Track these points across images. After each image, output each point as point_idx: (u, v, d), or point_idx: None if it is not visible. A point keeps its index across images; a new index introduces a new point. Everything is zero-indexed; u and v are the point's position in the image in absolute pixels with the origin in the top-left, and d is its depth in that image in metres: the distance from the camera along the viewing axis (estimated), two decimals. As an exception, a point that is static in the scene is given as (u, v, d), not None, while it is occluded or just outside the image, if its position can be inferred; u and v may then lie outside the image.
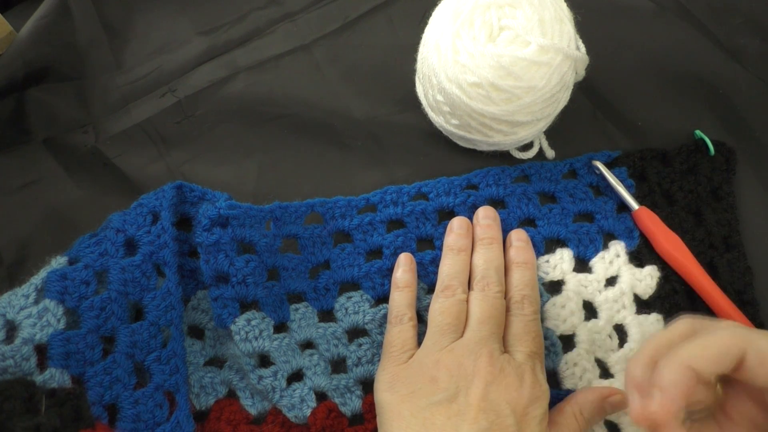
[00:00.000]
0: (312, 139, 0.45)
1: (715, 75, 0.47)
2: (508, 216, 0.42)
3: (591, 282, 0.41)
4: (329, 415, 0.37)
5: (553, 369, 0.39)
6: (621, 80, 0.47)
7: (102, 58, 0.48)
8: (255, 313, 0.38)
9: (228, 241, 0.37)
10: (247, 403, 0.38)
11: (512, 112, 0.38)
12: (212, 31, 0.49)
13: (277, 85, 0.47)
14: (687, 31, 0.48)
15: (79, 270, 0.36)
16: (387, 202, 0.42)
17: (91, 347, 0.35)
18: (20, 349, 0.33)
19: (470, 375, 0.34)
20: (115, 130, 0.46)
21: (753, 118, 0.46)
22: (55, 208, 0.43)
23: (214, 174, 0.44)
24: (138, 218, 0.38)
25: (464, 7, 0.38)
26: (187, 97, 0.46)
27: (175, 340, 0.37)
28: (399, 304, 0.39)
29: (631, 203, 0.42)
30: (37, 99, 0.46)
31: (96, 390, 0.35)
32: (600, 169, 0.43)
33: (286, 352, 0.38)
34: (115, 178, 0.44)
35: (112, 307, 0.36)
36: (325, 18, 0.49)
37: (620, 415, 0.38)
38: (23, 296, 0.35)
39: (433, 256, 0.41)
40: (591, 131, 0.46)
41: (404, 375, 0.35)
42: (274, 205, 0.41)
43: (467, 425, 0.32)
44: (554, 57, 0.37)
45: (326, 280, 0.41)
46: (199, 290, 0.40)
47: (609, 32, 0.48)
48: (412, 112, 0.45)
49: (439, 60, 0.39)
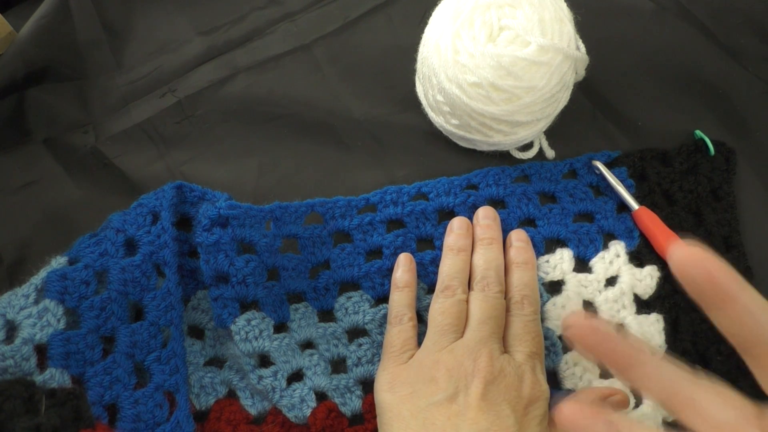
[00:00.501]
0: (312, 139, 0.45)
1: (715, 75, 0.47)
2: (508, 216, 0.42)
3: (591, 282, 0.41)
4: (329, 415, 0.37)
5: (553, 369, 0.39)
6: (621, 80, 0.47)
7: (102, 58, 0.48)
8: (255, 313, 0.38)
9: (228, 241, 0.37)
10: (247, 403, 0.38)
11: (512, 112, 0.38)
12: (212, 31, 0.49)
13: (277, 85, 0.47)
14: (687, 31, 0.48)
15: (79, 270, 0.36)
16: (387, 202, 0.42)
17: (91, 347, 0.35)
18: (20, 349, 0.33)
19: (470, 375, 0.34)
20: (115, 130, 0.46)
21: (753, 118, 0.46)
22: (55, 208, 0.43)
23: (214, 174, 0.44)
24: (138, 218, 0.38)
25: (464, 7, 0.38)
26: (187, 97, 0.46)
27: (175, 340, 0.37)
28: (399, 304, 0.39)
29: (631, 203, 0.42)
30: (37, 99, 0.46)
31: (96, 390, 0.35)
32: (600, 169, 0.43)
33: (286, 352, 0.38)
34: (115, 178, 0.44)
35: (112, 307, 0.36)
36: (325, 18, 0.49)
37: (620, 415, 0.38)
38: (23, 296, 0.35)
39: (433, 256, 0.41)
40: (591, 131, 0.46)
41: (404, 375, 0.35)
42: (274, 205, 0.41)
43: (467, 425, 0.32)
44: (554, 57, 0.37)
45: (326, 280, 0.41)
46: (199, 290, 0.40)
47: (609, 32, 0.48)
48: (412, 112, 0.45)
49: (439, 60, 0.39)
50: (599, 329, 0.25)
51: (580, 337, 0.25)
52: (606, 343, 0.25)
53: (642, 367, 0.25)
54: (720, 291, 0.23)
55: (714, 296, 0.23)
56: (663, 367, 0.25)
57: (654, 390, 0.25)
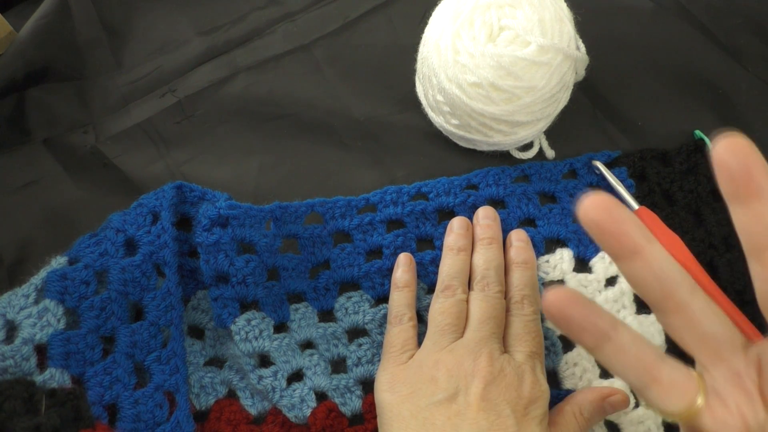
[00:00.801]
0: (312, 139, 0.45)
1: (715, 75, 0.47)
2: (508, 216, 0.42)
3: (591, 282, 0.41)
4: (329, 415, 0.37)
5: (553, 369, 0.39)
6: (621, 80, 0.47)
7: (102, 58, 0.48)
8: (255, 313, 0.38)
9: (228, 241, 0.37)
10: (247, 403, 0.38)
11: (512, 112, 0.38)
12: (212, 31, 0.49)
13: (277, 85, 0.47)
14: (687, 31, 0.48)
15: (79, 270, 0.36)
16: (387, 202, 0.42)
17: (91, 347, 0.35)
18: (20, 349, 0.33)
19: (470, 375, 0.34)
20: (115, 130, 0.46)
21: (753, 118, 0.46)
22: (55, 208, 0.43)
23: (214, 174, 0.44)
24: (138, 218, 0.38)
25: (464, 7, 0.38)
26: (187, 97, 0.46)
27: (175, 340, 0.37)
28: (399, 304, 0.39)
29: (631, 203, 0.42)
30: (37, 99, 0.46)
31: (96, 390, 0.35)
32: (600, 169, 0.43)
33: (286, 352, 0.38)
34: (115, 178, 0.44)
35: (112, 307, 0.36)
36: (325, 18, 0.49)
37: (620, 415, 0.38)
38: (23, 296, 0.35)
39: (433, 256, 0.41)
40: (591, 131, 0.46)
41: (404, 375, 0.35)
42: (274, 205, 0.41)
43: (467, 425, 0.32)
44: (554, 57, 0.37)
45: (326, 280, 0.41)
46: (199, 290, 0.40)
47: (609, 32, 0.48)
48: (412, 112, 0.45)
49: (439, 60, 0.39)
50: (579, 299, 0.25)
51: (560, 308, 0.25)
52: (585, 313, 0.25)
53: (648, 257, 0.24)
54: (752, 184, 0.23)
55: (745, 189, 0.23)
56: (667, 264, 0.25)
57: (629, 363, 0.25)
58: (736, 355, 0.26)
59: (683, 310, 0.25)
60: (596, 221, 0.24)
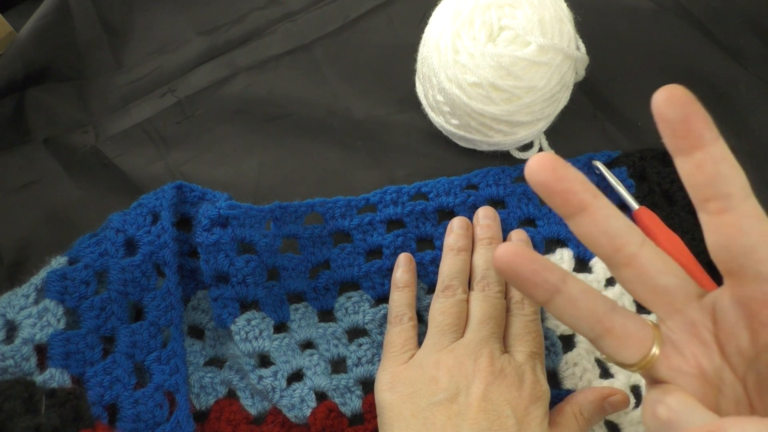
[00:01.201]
0: (312, 139, 0.45)
1: (715, 75, 0.47)
2: (508, 216, 0.42)
3: (591, 282, 0.41)
4: (329, 415, 0.37)
5: (553, 369, 0.39)
6: (621, 80, 0.47)
7: (102, 58, 0.48)
8: (255, 313, 0.38)
9: (228, 241, 0.37)
10: (247, 403, 0.38)
11: (512, 112, 0.38)
12: (212, 31, 0.49)
13: (277, 85, 0.47)
14: (687, 31, 0.48)
15: (79, 270, 0.36)
16: (387, 202, 0.42)
17: (91, 347, 0.35)
18: (20, 349, 0.33)
19: (471, 375, 0.34)
20: (115, 130, 0.46)
21: (753, 118, 0.46)
22: (55, 208, 0.43)
23: (214, 174, 0.44)
24: (138, 218, 0.38)
25: (464, 7, 0.38)
26: (187, 97, 0.46)
27: (175, 340, 0.37)
28: (399, 304, 0.39)
29: (631, 203, 0.42)
30: (37, 99, 0.46)
31: (96, 390, 0.35)
32: (600, 169, 0.43)
33: (286, 352, 0.38)
34: (115, 178, 0.44)
35: (112, 307, 0.36)
36: (325, 18, 0.49)
37: (620, 415, 0.38)
38: (23, 296, 0.35)
39: (433, 256, 0.41)
40: (591, 131, 0.46)
41: (405, 375, 0.35)
42: (274, 205, 0.41)
43: (467, 425, 0.32)
44: (554, 57, 0.37)
45: (326, 280, 0.41)
46: (199, 290, 0.40)
47: (609, 32, 0.48)
48: (412, 112, 0.45)
49: (439, 60, 0.39)
50: (528, 254, 0.25)
51: (509, 263, 0.25)
52: (533, 268, 0.25)
53: (595, 212, 0.25)
54: (692, 133, 0.23)
55: (685, 139, 0.23)
56: (614, 218, 0.25)
57: (580, 315, 0.26)
58: (690, 306, 0.26)
59: (633, 262, 0.25)
60: (542, 181, 0.24)
